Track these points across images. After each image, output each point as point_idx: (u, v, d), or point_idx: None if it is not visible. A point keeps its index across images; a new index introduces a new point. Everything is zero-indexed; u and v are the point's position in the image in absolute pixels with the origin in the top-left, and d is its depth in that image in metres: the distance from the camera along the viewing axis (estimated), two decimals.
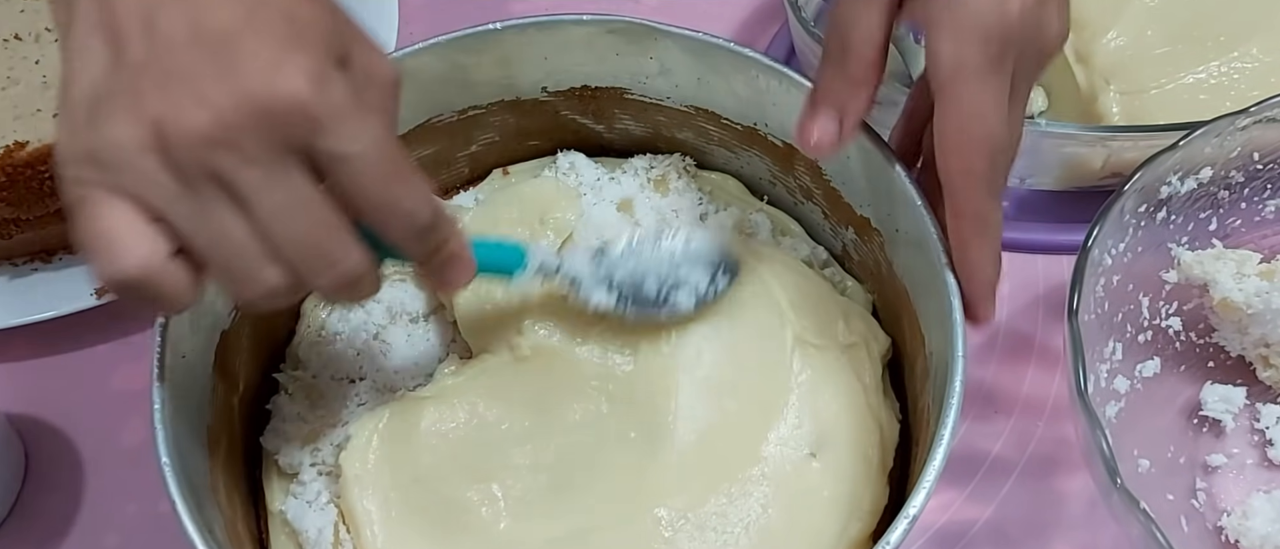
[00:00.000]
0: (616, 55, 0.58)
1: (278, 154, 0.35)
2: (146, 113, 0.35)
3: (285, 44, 0.35)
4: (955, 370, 0.45)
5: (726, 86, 0.57)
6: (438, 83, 0.58)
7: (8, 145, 0.63)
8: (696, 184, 0.62)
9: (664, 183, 0.62)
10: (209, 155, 0.35)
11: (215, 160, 0.35)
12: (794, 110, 0.49)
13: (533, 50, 0.58)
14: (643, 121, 0.62)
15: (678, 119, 0.61)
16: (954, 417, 0.45)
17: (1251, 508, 0.56)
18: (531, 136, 0.64)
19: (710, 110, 0.59)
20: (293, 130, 0.35)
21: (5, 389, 0.66)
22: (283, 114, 0.35)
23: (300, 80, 0.35)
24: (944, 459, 0.44)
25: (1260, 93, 0.58)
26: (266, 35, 0.35)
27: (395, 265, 0.42)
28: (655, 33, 0.56)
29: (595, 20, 0.56)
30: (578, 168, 0.62)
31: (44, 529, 0.61)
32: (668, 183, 0.62)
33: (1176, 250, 0.57)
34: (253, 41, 0.35)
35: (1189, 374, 0.60)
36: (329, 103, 0.36)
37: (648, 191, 0.61)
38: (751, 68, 0.55)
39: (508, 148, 0.64)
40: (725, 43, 0.55)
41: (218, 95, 0.34)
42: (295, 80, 0.35)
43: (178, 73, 0.35)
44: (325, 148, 0.36)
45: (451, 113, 0.61)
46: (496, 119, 0.62)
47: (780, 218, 0.61)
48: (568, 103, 0.61)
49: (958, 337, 0.46)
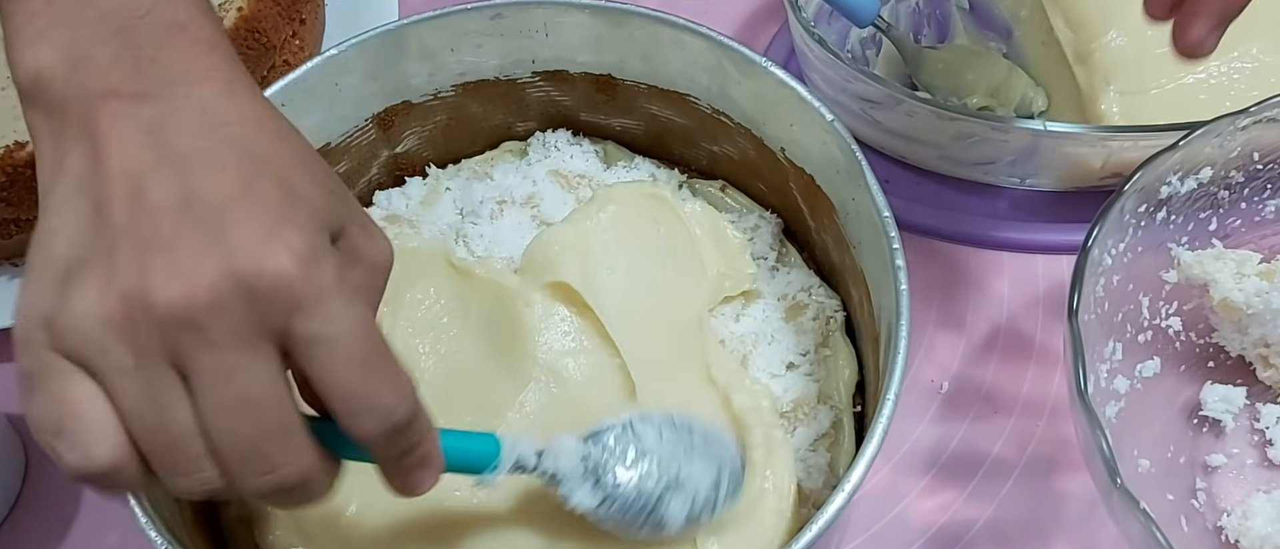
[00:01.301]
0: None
1: (245, 339, 0.33)
2: (117, 284, 0.33)
3: (277, 220, 0.34)
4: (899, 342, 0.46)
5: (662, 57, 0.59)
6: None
7: (8, 145, 0.63)
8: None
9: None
10: (170, 335, 0.33)
11: (175, 340, 0.33)
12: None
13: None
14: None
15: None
16: (896, 387, 0.45)
17: (1251, 508, 0.56)
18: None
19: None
20: (272, 310, 0.33)
21: (5, 389, 0.66)
22: (265, 292, 0.33)
23: (287, 258, 0.33)
24: (885, 429, 0.44)
25: (1260, 93, 0.58)
26: (259, 209, 0.34)
27: (356, 461, 0.38)
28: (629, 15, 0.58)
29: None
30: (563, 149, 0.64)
31: (44, 529, 0.61)
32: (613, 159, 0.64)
33: (1176, 250, 0.57)
34: (244, 214, 0.33)
35: (1189, 374, 0.60)
36: (314, 283, 0.34)
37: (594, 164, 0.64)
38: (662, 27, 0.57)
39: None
40: (635, 8, 0.57)
41: (196, 268, 0.33)
42: (282, 258, 0.33)
43: (158, 241, 0.33)
44: (302, 330, 0.34)
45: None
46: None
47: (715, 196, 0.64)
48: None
49: (903, 305, 0.47)
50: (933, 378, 0.63)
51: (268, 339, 0.33)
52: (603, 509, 0.46)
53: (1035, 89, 0.72)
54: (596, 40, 0.60)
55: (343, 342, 0.34)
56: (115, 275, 0.33)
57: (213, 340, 0.33)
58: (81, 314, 0.33)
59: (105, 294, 0.33)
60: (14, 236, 0.66)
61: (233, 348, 0.33)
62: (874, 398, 0.50)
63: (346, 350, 0.34)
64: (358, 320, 0.35)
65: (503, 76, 0.62)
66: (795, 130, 0.56)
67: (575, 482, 0.46)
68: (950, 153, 0.67)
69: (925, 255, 0.68)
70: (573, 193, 0.62)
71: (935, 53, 0.73)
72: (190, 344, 0.33)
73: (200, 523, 0.52)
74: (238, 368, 0.33)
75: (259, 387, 0.33)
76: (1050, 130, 0.62)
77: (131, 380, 0.33)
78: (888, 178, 0.70)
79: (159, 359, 0.33)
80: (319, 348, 0.34)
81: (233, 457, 0.34)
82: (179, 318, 0.32)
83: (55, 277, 0.34)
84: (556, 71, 0.62)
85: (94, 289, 0.33)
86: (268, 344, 0.33)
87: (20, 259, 0.69)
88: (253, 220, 0.33)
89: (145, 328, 0.32)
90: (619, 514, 0.46)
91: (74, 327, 0.33)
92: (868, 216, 0.51)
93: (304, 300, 0.33)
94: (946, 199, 0.70)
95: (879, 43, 0.76)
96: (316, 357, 0.34)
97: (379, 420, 0.35)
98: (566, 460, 0.46)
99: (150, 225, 0.33)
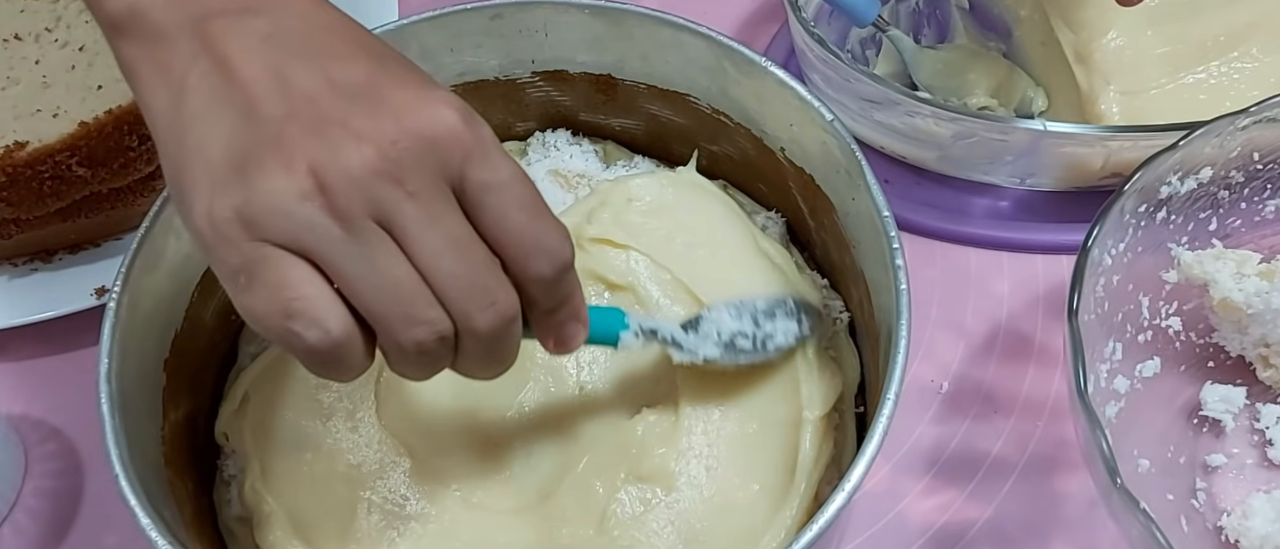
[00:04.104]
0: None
1: (437, 187, 0.35)
2: (300, 160, 0.34)
3: (424, 86, 0.36)
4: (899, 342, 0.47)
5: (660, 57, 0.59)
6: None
7: (8, 145, 0.63)
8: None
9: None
10: (372, 191, 0.34)
11: (378, 196, 0.34)
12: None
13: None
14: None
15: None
16: (896, 387, 0.46)
17: (1251, 508, 0.56)
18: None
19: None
20: (450, 159, 0.35)
21: (5, 389, 0.66)
22: (443, 142, 0.35)
23: (450, 114, 0.35)
24: (885, 429, 0.45)
25: (1260, 93, 0.58)
26: (403, 81, 0.36)
27: None
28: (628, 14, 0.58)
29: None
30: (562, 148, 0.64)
31: (44, 529, 0.61)
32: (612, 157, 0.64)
33: (1176, 250, 0.57)
34: (392, 86, 0.36)
35: (1189, 374, 0.60)
36: (478, 134, 0.36)
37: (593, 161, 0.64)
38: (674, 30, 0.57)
39: None
40: (634, 8, 0.57)
41: (375, 131, 0.34)
42: (446, 113, 0.35)
43: (327, 118, 0.35)
44: (476, 177, 0.36)
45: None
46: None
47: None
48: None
49: (903, 305, 0.47)
50: (933, 378, 0.63)
51: (451, 188, 0.36)
52: (728, 356, 0.50)
53: (1035, 89, 0.72)
54: (596, 40, 0.60)
55: (512, 187, 0.36)
56: (296, 155, 0.34)
57: (412, 190, 0.35)
58: (276, 198, 0.34)
59: (293, 173, 0.34)
60: (14, 237, 0.66)
61: (429, 196, 0.35)
62: (874, 398, 0.50)
63: (516, 195, 0.37)
64: (518, 170, 0.37)
65: (502, 76, 0.62)
66: (795, 130, 0.56)
67: (698, 340, 0.50)
68: (950, 153, 0.67)
69: (925, 255, 0.68)
70: (572, 192, 0.62)
71: (935, 53, 0.73)
72: (392, 199, 0.34)
73: (200, 523, 0.52)
74: (440, 213, 0.35)
75: (461, 228, 0.36)
76: (1050, 130, 0.62)
77: (345, 247, 0.34)
78: (888, 178, 0.70)
79: (364, 221, 0.34)
80: (492, 194, 0.36)
81: (457, 294, 0.36)
82: (376, 175, 0.34)
83: (227, 176, 0.34)
84: (556, 71, 0.62)
85: (279, 172, 0.34)
86: (452, 194, 0.36)
87: (20, 259, 0.69)
88: (404, 89, 0.36)
89: (344, 193, 0.34)
90: (747, 356, 0.51)
91: (272, 210, 0.34)
92: (868, 216, 0.51)
93: (474, 150, 0.36)
94: (946, 199, 0.70)
95: (879, 43, 0.76)
96: (489, 203, 0.36)
97: (551, 261, 0.37)
98: (676, 326, 0.50)
99: (311, 108, 0.35)
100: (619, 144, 0.66)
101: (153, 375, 0.52)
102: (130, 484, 0.45)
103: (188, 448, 0.54)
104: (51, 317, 0.65)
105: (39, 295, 0.66)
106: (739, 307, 0.52)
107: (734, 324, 0.51)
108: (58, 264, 0.68)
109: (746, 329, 0.51)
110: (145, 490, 0.46)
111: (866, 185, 0.51)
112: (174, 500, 0.50)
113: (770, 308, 0.52)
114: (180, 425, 0.53)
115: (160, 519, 0.45)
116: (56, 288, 0.67)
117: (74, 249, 0.69)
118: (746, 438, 0.52)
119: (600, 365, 0.54)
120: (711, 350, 0.50)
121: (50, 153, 0.62)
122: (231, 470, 0.54)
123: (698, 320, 0.51)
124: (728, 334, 0.51)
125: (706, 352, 0.50)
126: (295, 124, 0.34)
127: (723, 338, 0.50)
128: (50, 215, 0.65)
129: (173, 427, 0.52)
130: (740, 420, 0.52)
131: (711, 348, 0.50)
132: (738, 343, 0.51)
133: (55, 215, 0.66)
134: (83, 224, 0.67)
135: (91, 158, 0.63)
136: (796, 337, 0.52)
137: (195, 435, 0.55)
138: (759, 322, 0.52)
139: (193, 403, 0.55)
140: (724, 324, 0.51)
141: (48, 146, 0.62)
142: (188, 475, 0.53)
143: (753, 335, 0.51)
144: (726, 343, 0.51)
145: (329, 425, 0.53)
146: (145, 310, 0.51)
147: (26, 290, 0.67)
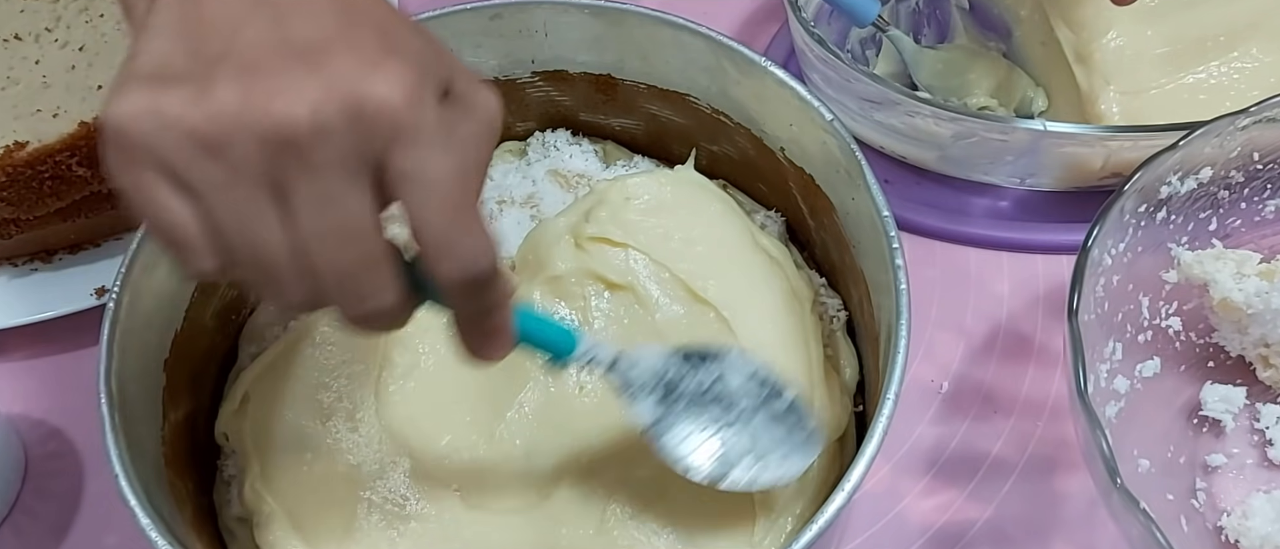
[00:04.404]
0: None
1: (344, 166, 0.33)
2: (210, 102, 0.32)
3: (380, 55, 0.33)
4: (899, 342, 0.47)
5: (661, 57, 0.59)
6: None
7: (8, 145, 0.63)
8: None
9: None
10: (270, 155, 0.32)
11: (275, 161, 0.33)
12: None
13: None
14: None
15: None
16: (896, 387, 0.45)
17: (1251, 508, 0.56)
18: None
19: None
20: (373, 138, 0.33)
21: (5, 389, 0.66)
22: (368, 119, 0.32)
23: (395, 87, 0.33)
24: (885, 429, 0.44)
25: (1260, 93, 0.58)
26: (360, 48, 0.33)
27: (434, 310, 0.39)
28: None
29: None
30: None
31: (44, 529, 0.61)
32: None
33: (1176, 250, 0.57)
34: (345, 50, 0.33)
35: (1189, 374, 0.60)
36: (419, 117, 0.33)
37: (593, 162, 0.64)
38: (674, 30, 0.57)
39: None
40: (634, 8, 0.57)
41: (299, 91, 0.32)
42: (385, 87, 0.33)
43: (258, 69, 0.33)
44: (399, 164, 0.33)
45: None
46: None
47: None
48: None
49: (903, 305, 0.47)
50: (933, 378, 0.63)
51: (366, 169, 0.33)
52: (656, 429, 0.46)
53: (1035, 89, 0.72)
54: (596, 40, 0.60)
55: (437, 183, 0.34)
56: (209, 93, 0.32)
57: (313, 164, 0.33)
58: (167, 126, 0.33)
59: (194, 109, 0.32)
60: (14, 237, 0.66)
61: (332, 174, 0.33)
62: (874, 398, 0.50)
63: (439, 193, 0.34)
64: (455, 167, 0.34)
65: (502, 76, 0.62)
66: (795, 130, 0.56)
67: (642, 394, 0.46)
68: (950, 153, 0.67)
69: (925, 255, 0.68)
70: (572, 192, 0.62)
71: (935, 53, 0.73)
72: (289, 167, 0.33)
73: (200, 523, 0.52)
74: (337, 195, 0.33)
75: (356, 216, 0.34)
76: (1050, 130, 0.62)
77: (220, 197, 0.33)
78: (888, 178, 0.70)
79: (252, 179, 0.33)
80: (412, 185, 0.34)
81: (327, 283, 0.34)
82: (281, 139, 0.32)
83: (143, 87, 0.33)
84: (556, 71, 0.62)
85: (182, 104, 0.33)
86: (365, 174, 0.33)
87: (20, 259, 0.69)
88: (354, 55, 0.33)
89: (240, 146, 0.32)
90: (669, 444, 0.46)
91: (159, 139, 0.33)
92: (868, 216, 0.51)
93: (404, 133, 0.33)
94: (946, 199, 0.70)
95: (879, 43, 0.76)
96: (409, 193, 0.34)
97: (460, 268, 0.35)
98: (641, 371, 0.46)
99: (250, 56, 0.33)
100: (619, 144, 0.66)
101: (153, 375, 0.52)
102: (130, 484, 0.45)
103: (188, 448, 0.54)
104: (51, 317, 0.65)
105: (39, 295, 0.67)
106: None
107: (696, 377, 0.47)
108: (58, 264, 0.68)
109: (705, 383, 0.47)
110: (145, 490, 0.46)
111: (866, 185, 0.51)
112: (174, 500, 0.50)
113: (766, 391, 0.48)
114: (180, 425, 0.53)
115: (160, 519, 0.45)
116: (56, 288, 0.67)
117: (74, 249, 0.69)
118: None
119: None
120: (646, 415, 0.46)
121: (50, 153, 0.62)
122: (231, 470, 0.54)
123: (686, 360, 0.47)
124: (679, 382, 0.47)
125: (641, 414, 0.46)
126: (227, 67, 0.33)
127: (667, 379, 0.46)
128: (50, 215, 0.65)
129: (173, 427, 0.52)
130: None
131: (648, 402, 0.46)
132: (682, 388, 0.47)
133: (55, 215, 0.66)
134: (83, 224, 0.67)
135: (91, 158, 0.63)
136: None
137: (195, 435, 0.55)
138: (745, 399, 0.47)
139: (193, 403, 0.55)
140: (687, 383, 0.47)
141: (48, 146, 0.62)
142: (188, 475, 0.53)
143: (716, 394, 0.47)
144: (667, 385, 0.46)
145: (329, 425, 0.53)
146: (145, 310, 0.51)
147: (26, 290, 0.67)
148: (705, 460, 0.46)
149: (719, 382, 0.47)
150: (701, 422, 0.47)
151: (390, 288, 0.35)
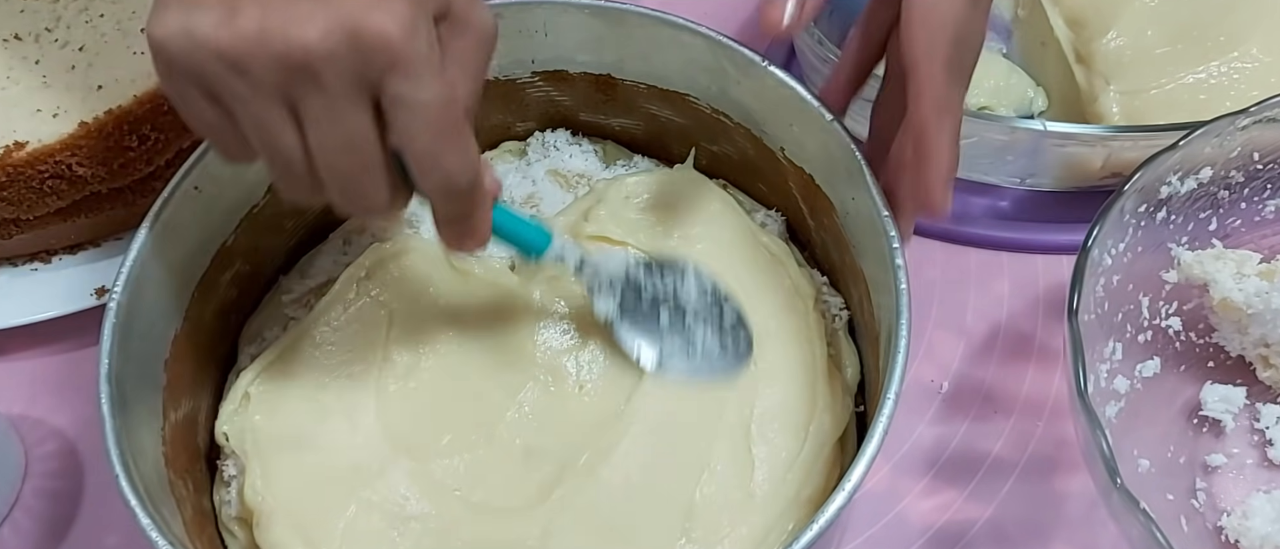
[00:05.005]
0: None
1: (349, 87, 0.38)
2: (236, 24, 0.37)
3: None
4: (899, 342, 0.47)
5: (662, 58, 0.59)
6: None
7: (8, 145, 0.63)
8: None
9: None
10: (287, 75, 0.37)
11: (291, 82, 0.37)
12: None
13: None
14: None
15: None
16: (896, 387, 0.46)
17: (1251, 508, 0.56)
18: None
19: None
20: (371, 65, 0.37)
21: (5, 389, 0.66)
22: (367, 47, 0.37)
23: (389, 21, 0.37)
24: (885, 429, 0.45)
25: (1260, 93, 0.58)
26: None
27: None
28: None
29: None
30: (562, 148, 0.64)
31: (44, 529, 0.61)
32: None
33: (1176, 250, 0.57)
34: None
35: (1189, 374, 0.60)
36: (412, 48, 0.38)
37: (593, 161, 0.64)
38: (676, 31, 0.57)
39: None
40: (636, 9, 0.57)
41: (312, 19, 0.37)
42: (385, 20, 0.37)
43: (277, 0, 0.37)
44: (393, 89, 0.38)
45: None
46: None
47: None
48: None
49: (903, 305, 0.48)
50: (933, 378, 0.63)
51: (366, 91, 0.38)
52: (616, 323, 0.53)
53: (1035, 89, 0.72)
54: (596, 40, 0.60)
55: (425, 108, 0.39)
56: (234, 18, 0.37)
57: (324, 85, 0.38)
58: (197, 46, 0.38)
59: (221, 30, 0.37)
60: (14, 237, 0.66)
61: (339, 94, 0.38)
62: (874, 398, 0.50)
63: (425, 117, 0.39)
64: (442, 93, 0.39)
65: (502, 76, 0.62)
66: (795, 130, 0.56)
67: (606, 291, 0.53)
68: None
69: (925, 255, 0.68)
70: (572, 192, 0.62)
71: None
72: (303, 87, 0.38)
73: (200, 523, 0.52)
74: (341, 112, 0.38)
75: (357, 130, 0.39)
76: (1050, 130, 0.62)
77: (245, 109, 0.39)
78: None
79: (269, 94, 0.38)
80: (402, 109, 0.39)
81: (334, 186, 0.41)
82: (296, 62, 0.37)
83: (177, 8, 0.38)
84: (556, 71, 0.62)
85: (211, 26, 0.38)
86: (365, 96, 0.38)
87: (20, 259, 0.69)
88: None
89: (262, 66, 0.37)
90: (626, 338, 0.53)
91: (192, 57, 0.38)
92: (868, 216, 0.51)
93: (399, 61, 0.38)
94: None
95: None
96: (398, 117, 0.39)
97: (441, 182, 0.41)
98: (606, 272, 0.53)
99: None
100: (619, 144, 0.66)
101: (153, 375, 0.52)
102: (130, 484, 0.45)
103: (188, 448, 0.54)
104: (51, 317, 0.65)
105: (39, 295, 0.66)
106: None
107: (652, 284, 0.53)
108: (58, 264, 0.68)
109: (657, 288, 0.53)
110: (145, 490, 0.46)
111: (866, 185, 0.51)
112: (174, 500, 0.50)
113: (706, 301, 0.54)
114: (180, 425, 0.53)
115: (160, 519, 0.45)
116: (56, 288, 0.67)
117: (74, 249, 0.69)
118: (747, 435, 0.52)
119: (599, 364, 0.54)
120: (604, 309, 0.52)
121: (50, 153, 0.62)
122: (231, 470, 0.54)
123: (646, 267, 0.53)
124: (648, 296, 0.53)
125: (600, 309, 0.52)
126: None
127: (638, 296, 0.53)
128: (50, 215, 0.65)
129: (173, 427, 0.52)
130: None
131: (607, 298, 0.52)
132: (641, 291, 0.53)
133: (55, 215, 0.66)
134: (83, 224, 0.67)
135: (91, 158, 0.63)
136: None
137: (195, 435, 0.55)
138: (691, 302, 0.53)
139: (193, 403, 0.55)
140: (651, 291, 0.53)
141: (48, 147, 0.62)
142: (188, 475, 0.53)
143: (664, 295, 0.53)
144: (625, 283, 0.53)
145: (329, 425, 0.53)
146: (145, 310, 0.51)
147: (26, 290, 0.67)
148: (653, 353, 0.53)
149: (677, 288, 0.54)
150: (656, 320, 0.53)
151: (383, 189, 0.41)
